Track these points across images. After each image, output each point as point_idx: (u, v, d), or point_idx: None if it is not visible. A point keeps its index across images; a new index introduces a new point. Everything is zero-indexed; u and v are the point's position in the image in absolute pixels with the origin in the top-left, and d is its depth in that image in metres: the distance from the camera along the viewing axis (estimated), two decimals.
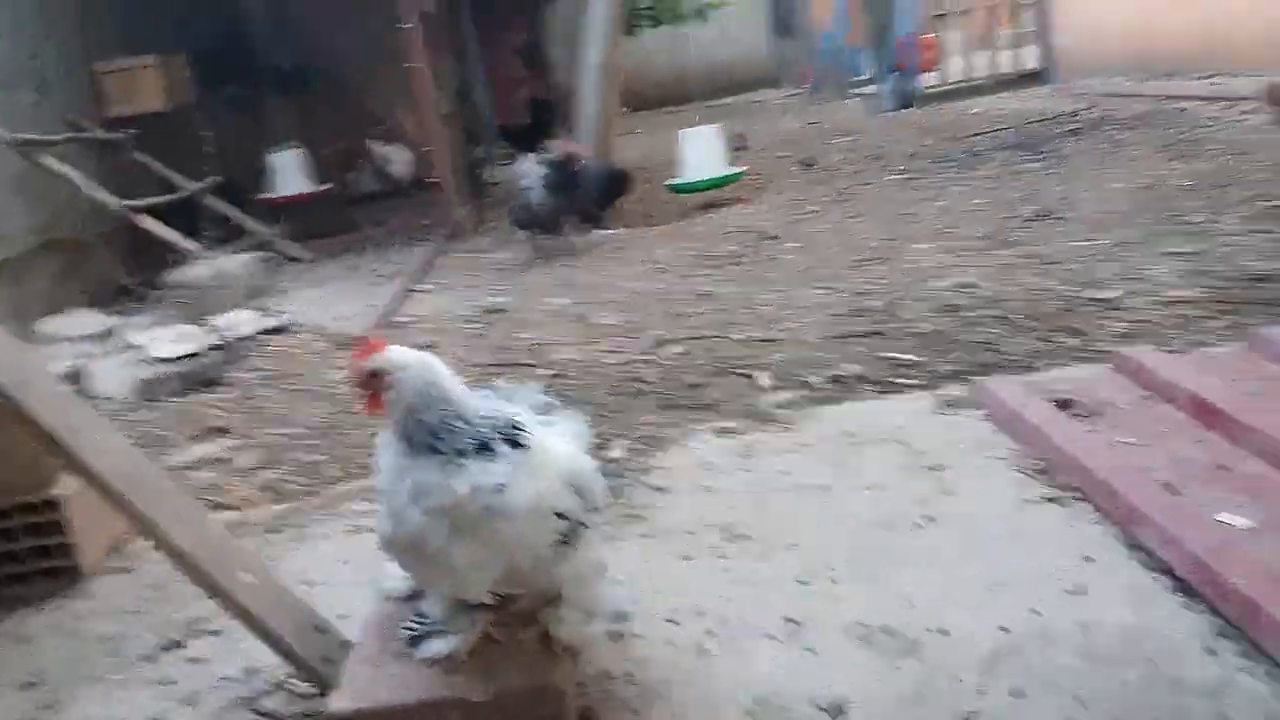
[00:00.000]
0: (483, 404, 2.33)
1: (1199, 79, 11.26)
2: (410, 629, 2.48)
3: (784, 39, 19.33)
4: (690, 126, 9.34)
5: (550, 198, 7.65)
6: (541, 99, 12.82)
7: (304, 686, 2.72)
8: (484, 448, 2.22)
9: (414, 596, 2.68)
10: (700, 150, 9.00)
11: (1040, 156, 9.09)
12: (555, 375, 4.98)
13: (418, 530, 2.20)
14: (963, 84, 14.17)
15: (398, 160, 11.25)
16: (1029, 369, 4.22)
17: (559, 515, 2.25)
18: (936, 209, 7.73)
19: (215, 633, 3.11)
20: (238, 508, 4.01)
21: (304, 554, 3.55)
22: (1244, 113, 9.22)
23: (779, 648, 2.65)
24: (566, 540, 2.28)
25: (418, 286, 7.46)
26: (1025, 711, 2.28)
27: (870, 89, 15.06)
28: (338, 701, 2.32)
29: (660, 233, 8.19)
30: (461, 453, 2.22)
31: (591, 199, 8.15)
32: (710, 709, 2.44)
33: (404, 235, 9.30)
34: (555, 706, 2.30)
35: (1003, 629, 2.57)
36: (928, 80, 14.37)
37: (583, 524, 2.31)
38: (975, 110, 12.76)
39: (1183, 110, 10.08)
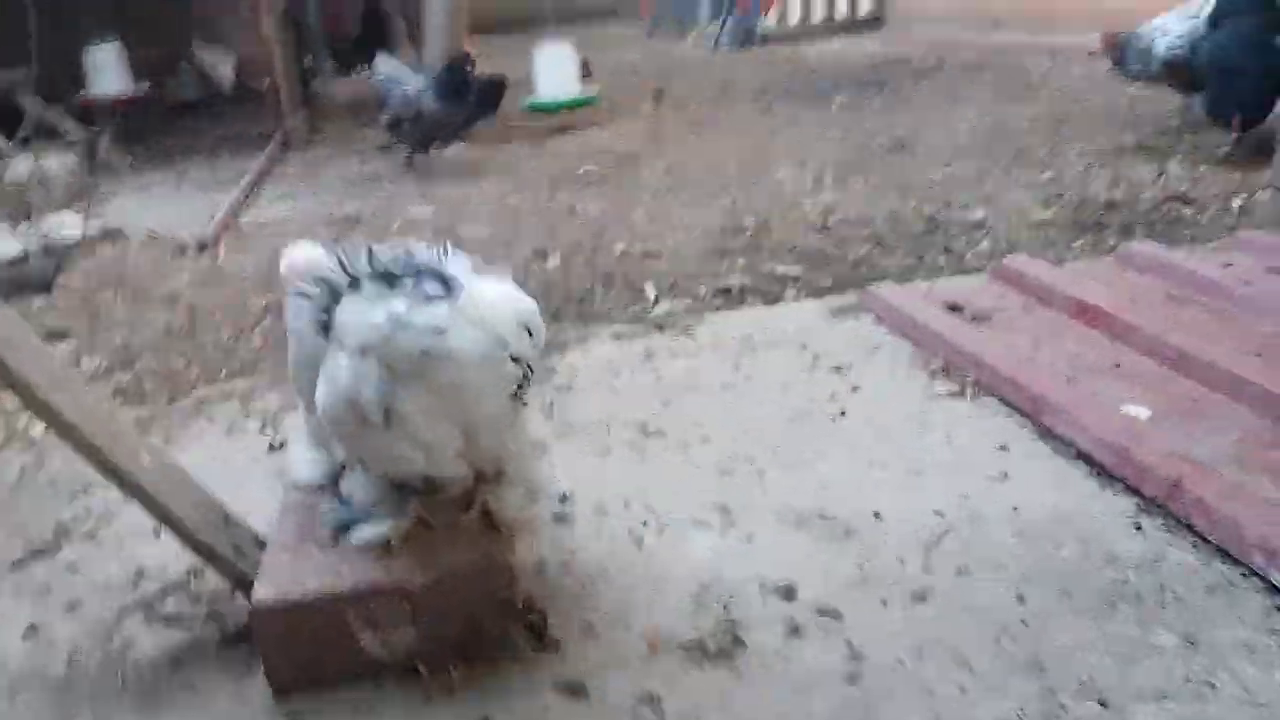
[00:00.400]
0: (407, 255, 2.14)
1: (1023, 32, 11.79)
2: (335, 515, 2.28)
3: None
4: (542, 46, 9.04)
5: (444, 106, 6.98)
6: (374, 9, 12.15)
7: (205, 586, 2.48)
8: (415, 283, 2.02)
9: (327, 485, 2.48)
10: (556, 69, 8.72)
11: (885, 95, 9.31)
12: None
13: (350, 382, 2.00)
14: (800, 28, 14.33)
15: (222, 65, 10.43)
16: (907, 282, 4.30)
17: (513, 360, 2.05)
18: (792, 138, 7.79)
19: (90, 536, 2.80)
20: None
21: (178, 458, 3.23)
22: (1071, 63, 9.70)
23: (714, 535, 2.59)
24: (519, 392, 2.10)
25: (258, 193, 6.96)
26: (974, 588, 2.30)
27: (710, 28, 15.05)
28: (261, 591, 2.11)
29: (518, 150, 7.92)
30: (389, 285, 2.03)
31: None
32: (656, 593, 2.36)
33: (232, 143, 8.66)
34: (503, 585, 2.17)
35: (937, 513, 2.59)
36: (767, 22, 14.46)
37: (532, 371, 2.13)
38: (815, 52, 12.95)
39: (1012, 61, 10.52)
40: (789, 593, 2.33)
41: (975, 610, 2.23)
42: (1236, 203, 4.97)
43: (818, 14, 14.47)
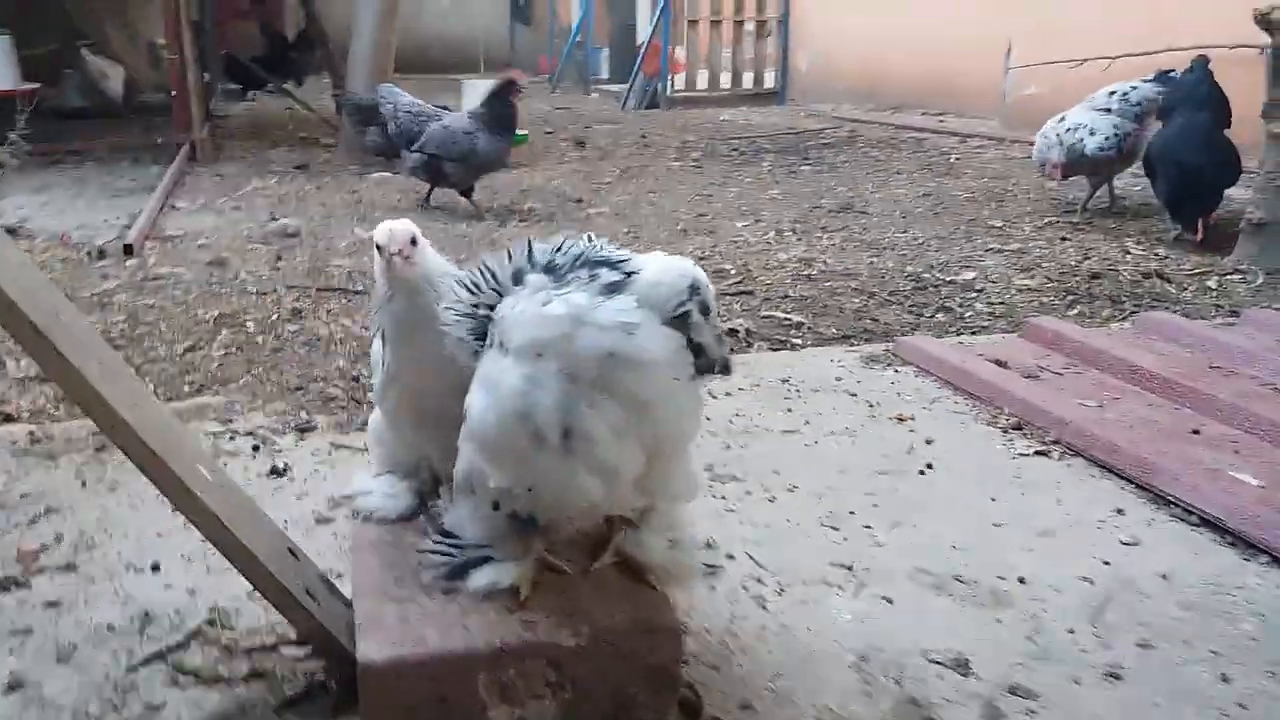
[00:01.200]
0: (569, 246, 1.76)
1: (924, 114, 12.12)
2: (443, 557, 1.83)
3: (522, 25, 18.92)
4: (470, 79, 8.67)
5: (496, 143, 6.05)
6: (278, 32, 11.55)
7: (237, 635, 1.98)
8: (584, 275, 1.65)
9: (412, 515, 2.04)
10: None
11: (809, 162, 9.31)
12: None
13: (522, 392, 1.58)
14: (706, 93, 14.41)
15: (113, 76, 9.61)
16: (907, 336, 4.11)
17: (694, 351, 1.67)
18: (732, 195, 7.64)
19: (69, 568, 2.23)
20: (18, 419, 3.02)
21: None
22: (977, 146, 9.96)
23: (847, 598, 2.25)
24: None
25: (171, 204, 6.29)
26: (1169, 667, 2.03)
27: (614, 86, 14.99)
28: (371, 648, 1.64)
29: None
30: (556, 280, 1.66)
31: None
32: (809, 664, 2.00)
33: (129, 153, 7.90)
34: (668, 652, 1.76)
35: (1084, 579, 2.33)
36: (675, 85, 14.49)
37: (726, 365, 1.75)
38: (724, 117, 12.98)
39: (921, 139, 10.76)
40: (963, 666, 2.01)
41: (1182, 693, 1.95)
42: (1212, 282, 5.01)
43: (723, 82, 14.58)
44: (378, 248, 1.84)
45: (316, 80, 12.39)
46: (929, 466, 2.88)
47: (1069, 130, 6.33)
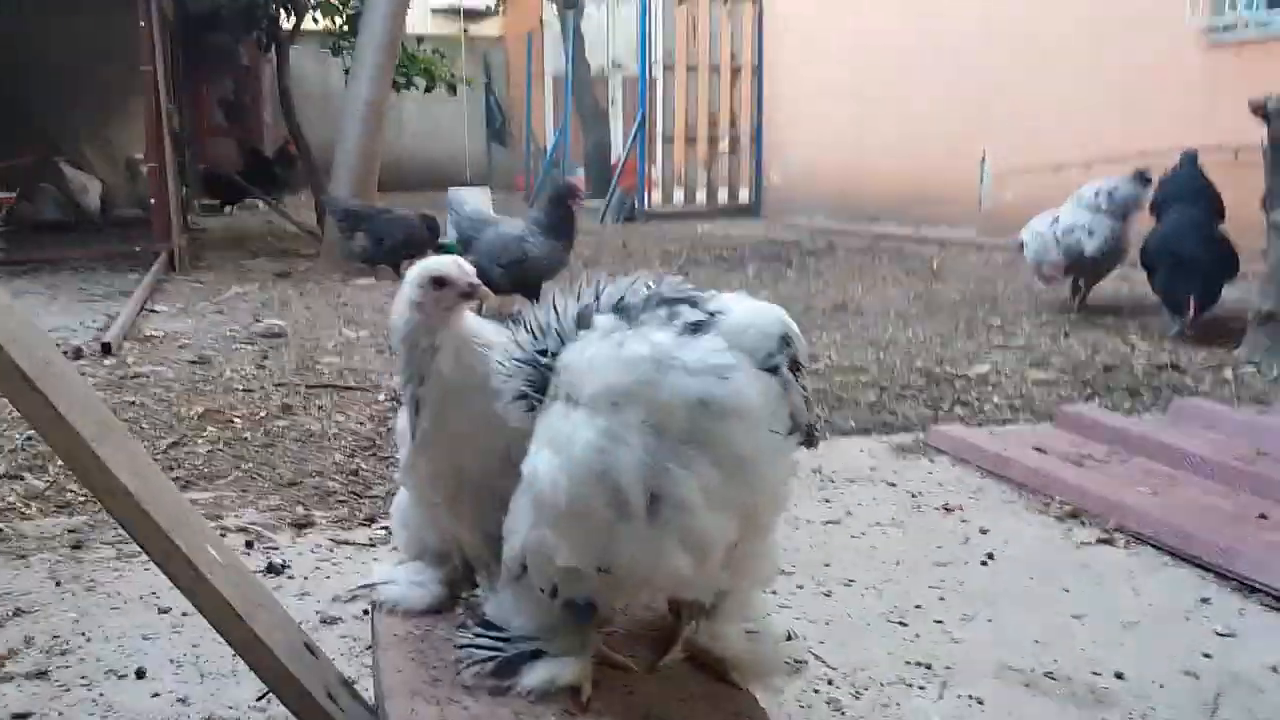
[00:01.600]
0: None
1: (900, 224, 12.21)
2: (488, 649, 1.57)
3: (498, 146, 19.15)
4: (456, 188, 8.62)
5: (548, 245, 5.71)
6: (256, 149, 11.54)
7: None
8: (662, 314, 1.43)
9: (442, 608, 1.77)
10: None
11: (793, 268, 9.28)
12: (394, 400, 4.03)
13: (601, 449, 1.35)
14: (681, 208, 14.52)
15: (91, 190, 9.47)
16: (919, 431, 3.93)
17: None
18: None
19: (40, 675, 1.95)
20: None
21: (144, 577, 2.41)
22: (958, 252, 10.00)
23: (931, 698, 1.99)
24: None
25: (150, 308, 6.07)
26: None
27: (592, 202, 15.10)
28: None
29: None
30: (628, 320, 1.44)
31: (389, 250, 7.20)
32: None
33: (107, 262, 7.70)
34: None
35: (1188, 673, 2.09)
36: (651, 200, 14.61)
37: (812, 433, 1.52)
38: (702, 229, 13.04)
39: (901, 247, 10.80)
40: None
41: None
42: (1226, 374, 4.90)
43: (698, 198, 14.73)
44: (436, 282, 1.62)
45: (293, 198, 12.37)
46: (990, 557, 2.66)
47: (1066, 231, 6.28)
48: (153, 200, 7.59)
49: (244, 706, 1.88)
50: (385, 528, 2.78)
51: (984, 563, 2.63)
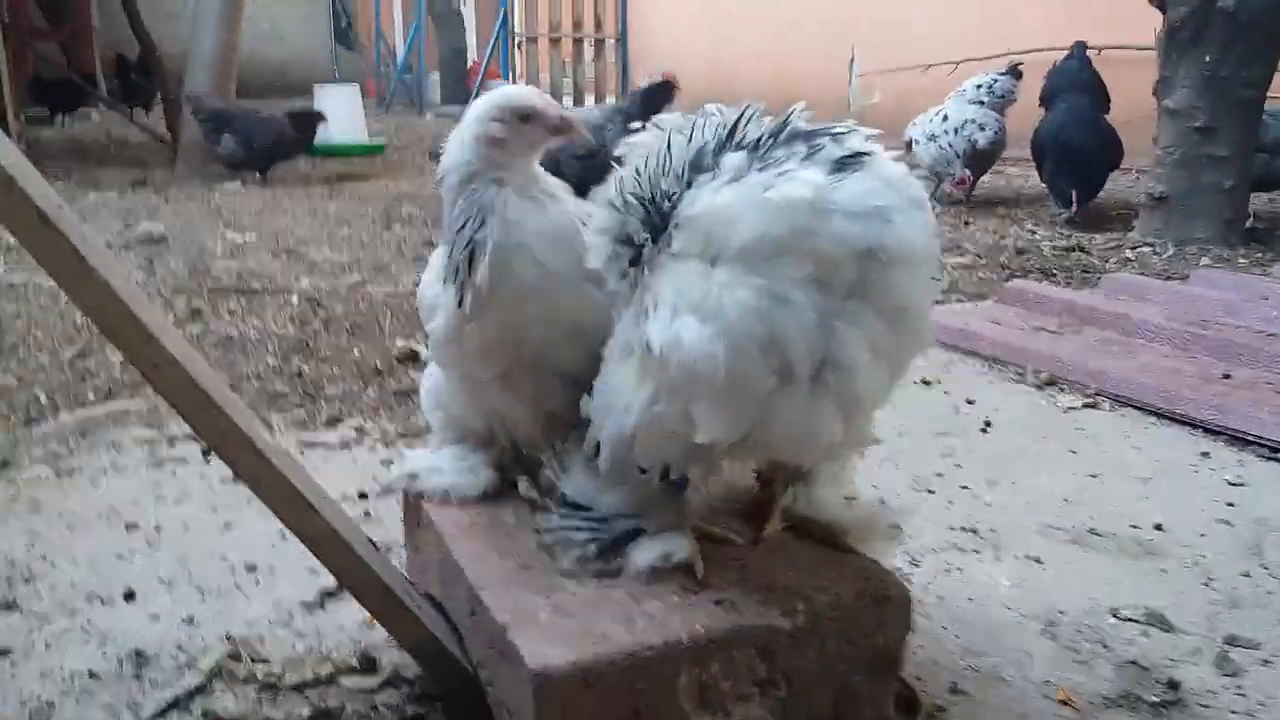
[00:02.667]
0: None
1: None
2: (585, 530, 1.40)
3: (344, 49, 18.08)
4: (322, 85, 8.07)
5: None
6: (122, 55, 10.48)
7: (273, 668, 1.49)
8: (801, 149, 1.26)
9: (495, 493, 1.59)
10: (340, 111, 7.77)
11: None
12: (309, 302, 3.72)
13: (760, 311, 1.18)
14: None
15: None
16: None
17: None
18: None
19: (7, 607, 1.69)
20: None
21: (96, 492, 2.11)
22: None
23: (989, 561, 1.93)
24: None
25: None
26: None
27: (452, 108, 14.48)
28: (544, 654, 1.20)
29: (315, 191, 6.79)
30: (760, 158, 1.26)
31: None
32: (1002, 636, 1.67)
33: None
34: (896, 628, 1.38)
35: (1220, 521, 2.10)
36: None
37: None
38: None
39: None
40: (1162, 622, 1.72)
41: None
42: (1129, 253, 5.04)
43: (565, 102, 14.30)
44: (522, 116, 1.40)
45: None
46: (988, 424, 2.62)
47: (957, 131, 6.27)
48: None
49: (264, 623, 1.66)
50: (355, 428, 2.54)
51: (983, 430, 2.59)
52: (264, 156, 6.87)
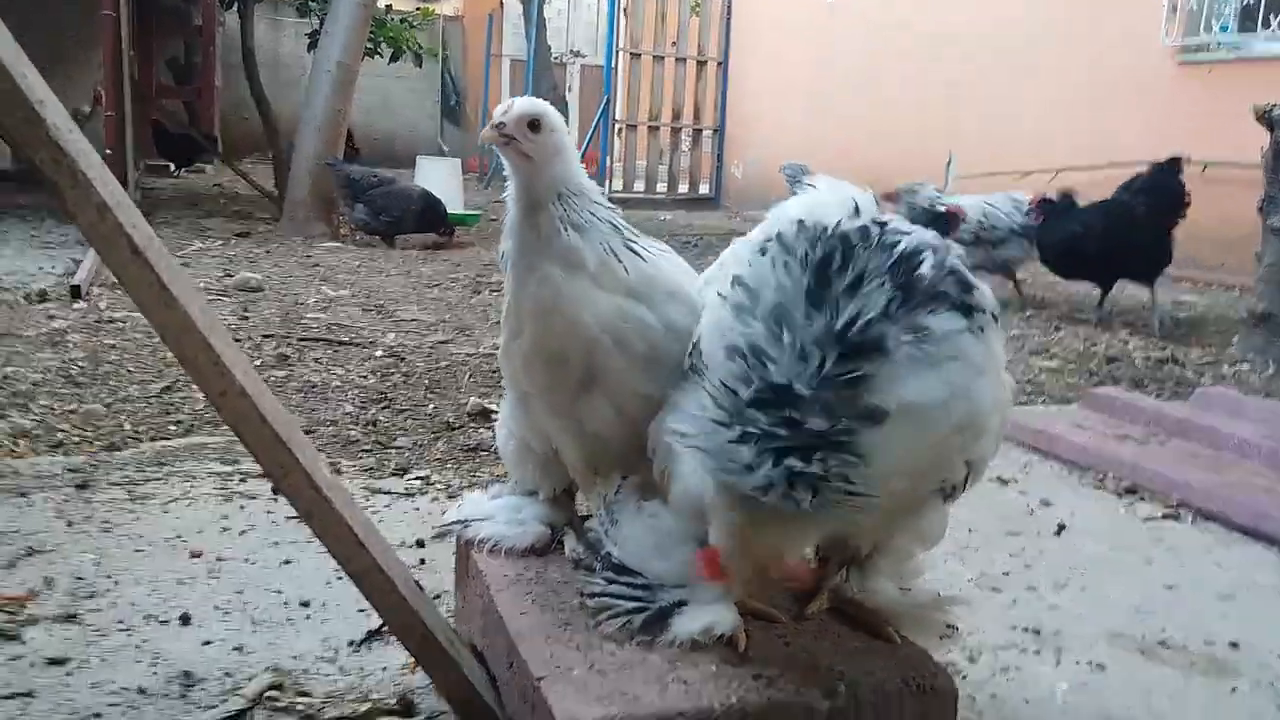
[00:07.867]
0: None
1: None
2: (631, 600, 1.38)
3: (452, 125, 18.73)
4: (424, 156, 8.35)
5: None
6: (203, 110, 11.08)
7: (314, 701, 1.50)
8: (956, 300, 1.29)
9: (544, 549, 1.59)
10: (440, 182, 8.01)
11: None
12: (391, 357, 3.81)
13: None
14: (643, 194, 14.33)
15: None
16: None
17: None
18: None
19: (68, 619, 1.74)
20: None
21: (166, 519, 2.17)
22: None
23: (1049, 664, 1.86)
24: None
25: None
26: None
27: None
28: (574, 708, 1.19)
29: (403, 254, 6.98)
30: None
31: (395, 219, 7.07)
32: None
33: (55, 211, 7.26)
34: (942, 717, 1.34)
35: None
36: (612, 186, 14.40)
37: None
38: (664, 217, 12.89)
39: None
40: None
41: None
42: (1225, 370, 4.89)
43: (659, 187, 14.58)
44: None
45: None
46: (1061, 528, 2.54)
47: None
48: (109, 150, 7.18)
49: (310, 657, 1.67)
50: (420, 478, 2.58)
51: (1056, 533, 2.51)
52: (391, 227, 7.16)
